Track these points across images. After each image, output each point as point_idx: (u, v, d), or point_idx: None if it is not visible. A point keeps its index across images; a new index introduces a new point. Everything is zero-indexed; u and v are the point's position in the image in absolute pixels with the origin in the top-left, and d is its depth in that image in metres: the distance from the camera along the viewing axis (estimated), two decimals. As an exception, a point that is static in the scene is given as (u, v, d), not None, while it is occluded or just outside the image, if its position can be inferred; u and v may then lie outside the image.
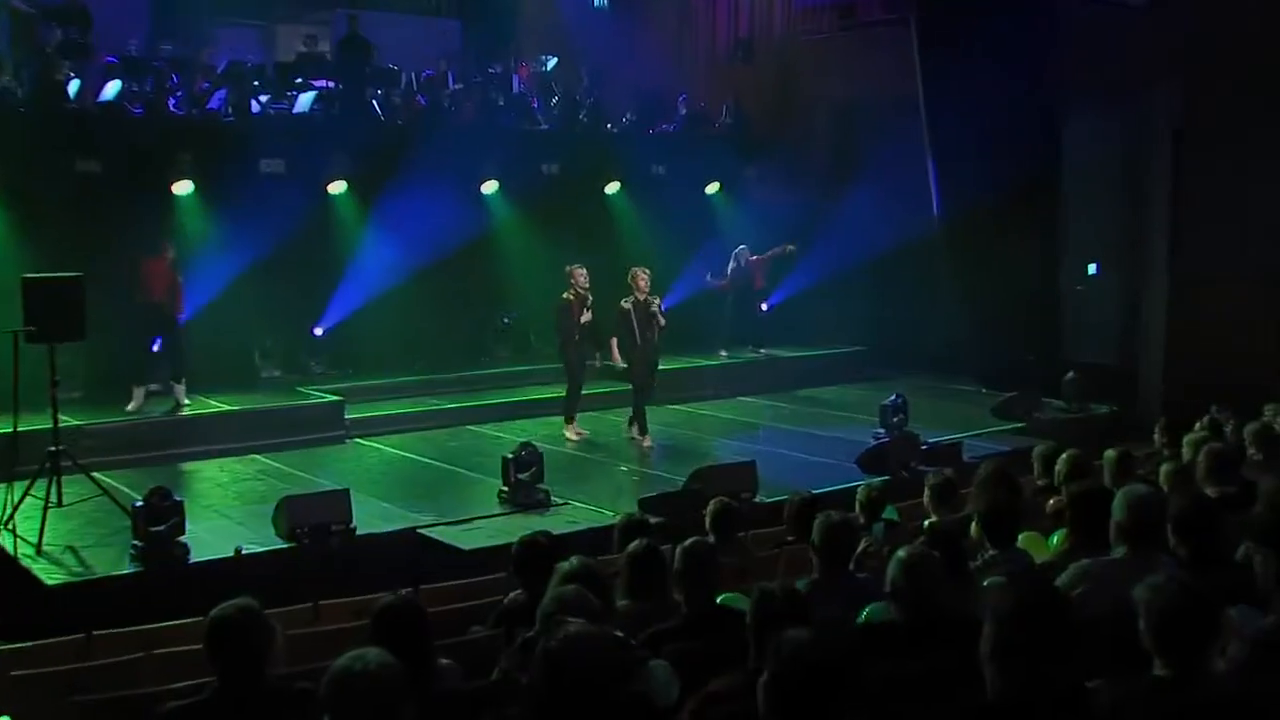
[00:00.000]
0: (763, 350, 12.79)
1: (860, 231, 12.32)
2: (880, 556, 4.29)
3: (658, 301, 9.16)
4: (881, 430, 9.29)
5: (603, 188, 12.22)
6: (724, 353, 12.63)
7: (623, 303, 9.16)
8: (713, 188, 12.75)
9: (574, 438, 9.27)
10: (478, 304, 11.97)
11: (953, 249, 11.62)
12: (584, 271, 9.21)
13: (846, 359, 13.35)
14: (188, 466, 8.90)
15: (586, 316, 9.17)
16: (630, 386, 9.59)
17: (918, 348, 12.88)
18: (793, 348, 13.12)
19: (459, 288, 11.62)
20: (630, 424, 9.65)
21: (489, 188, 11.47)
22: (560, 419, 10.02)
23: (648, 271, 9.22)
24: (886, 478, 7.68)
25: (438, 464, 8.96)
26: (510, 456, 7.62)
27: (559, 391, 10.24)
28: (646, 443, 9.32)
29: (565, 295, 9.21)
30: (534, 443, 7.97)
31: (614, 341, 9.18)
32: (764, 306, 13.21)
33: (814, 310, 13.31)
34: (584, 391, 9.76)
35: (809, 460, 8.76)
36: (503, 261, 11.74)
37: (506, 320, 12.60)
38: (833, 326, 13.42)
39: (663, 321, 9.11)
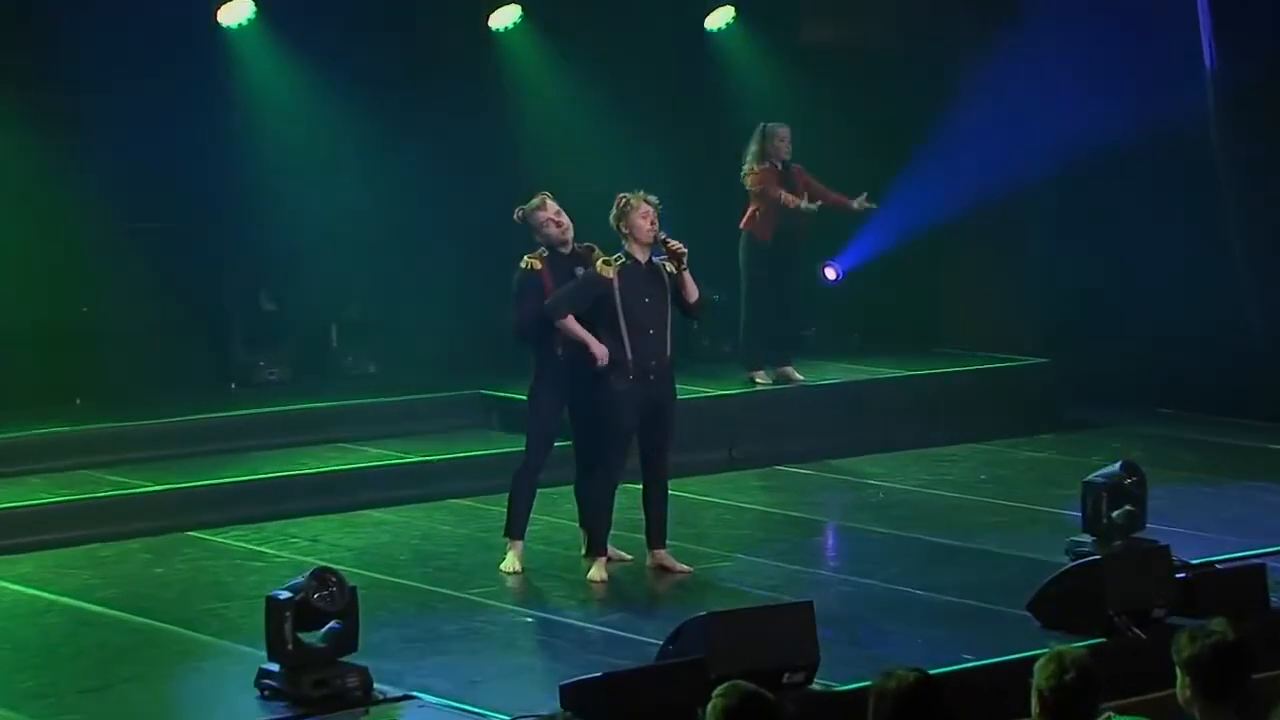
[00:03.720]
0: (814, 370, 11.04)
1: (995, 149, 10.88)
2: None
3: (671, 249, 7.29)
4: (1086, 539, 7.49)
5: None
6: (758, 376, 10.50)
7: (599, 266, 7.36)
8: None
9: (599, 579, 7.44)
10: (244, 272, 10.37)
11: (1235, 153, 10.13)
12: (554, 207, 7.54)
13: (1004, 382, 11.13)
14: None
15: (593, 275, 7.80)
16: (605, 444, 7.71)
17: (1154, 358, 10.76)
18: (889, 361, 11.08)
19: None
20: (586, 545, 7.61)
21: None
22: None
23: (653, 202, 7.35)
24: (1097, 640, 6.37)
25: (118, 618, 7.05)
26: (285, 598, 5.92)
27: (427, 448, 8.88)
28: (680, 570, 7.71)
29: (525, 262, 7.36)
30: (337, 570, 6.10)
31: (588, 338, 7.46)
32: (830, 274, 11.26)
33: (920, 285, 11.73)
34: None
35: (924, 601, 7.35)
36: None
37: (356, 307, 10.78)
38: (972, 318, 11.72)
39: (692, 294, 7.32)
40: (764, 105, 11.04)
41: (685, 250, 7.26)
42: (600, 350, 7.12)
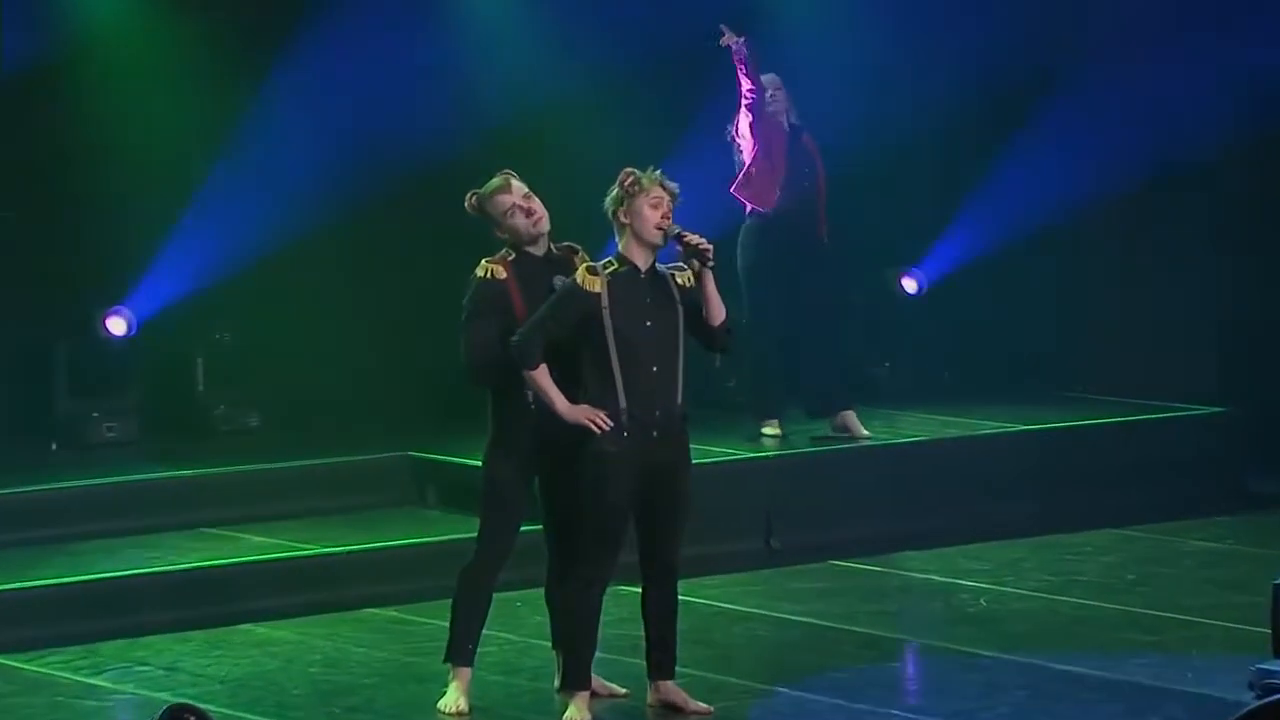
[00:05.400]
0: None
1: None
2: None
3: (689, 244, 7.46)
4: (1278, 667, 7.12)
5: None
6: (767, 427, 10.68)
7: (581, 275, 7.40)
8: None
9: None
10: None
11: None
12: (521, 189, 7.62)
13: (1162, 440, 11.30)
14: None
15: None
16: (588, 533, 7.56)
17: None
18: (994, 410, 11.23)
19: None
20: (562, 674, 7.52)
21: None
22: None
23: (671, 190, 7.49)
24: None
25: None
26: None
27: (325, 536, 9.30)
28: (695, 710, 7.62)
29: (483, 268, 7.48)
30: (202, 711, 5.83)
31: (560, 403, 7.55)
32: (910, 286, 11.82)
33: (1037, 303, 12.19)
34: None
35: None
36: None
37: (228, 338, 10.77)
38: (1112, 350, 12.24)
39: (719, 313, 7.40)
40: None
41: (709, 246, 7.16)
42: (584, 415, 7.05)
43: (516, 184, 7.54)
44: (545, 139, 10.86)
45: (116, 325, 10.61)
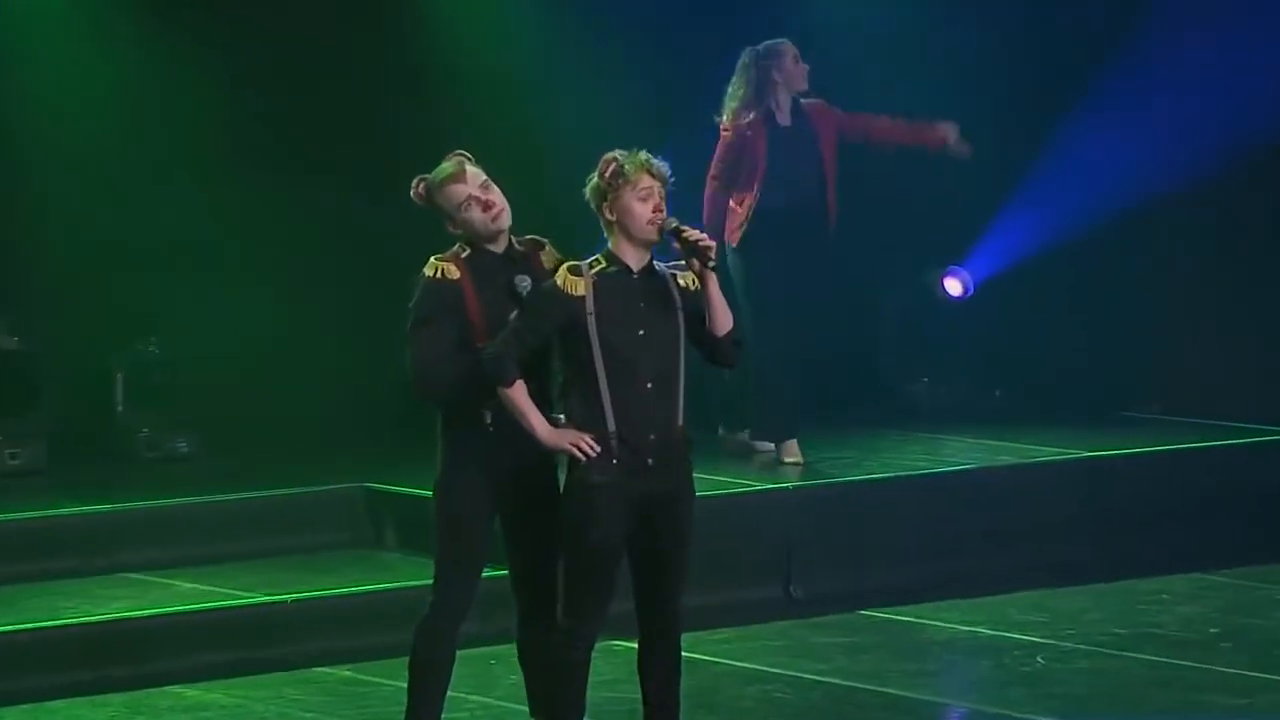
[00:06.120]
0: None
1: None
2: None
3: (690, 241, 7.42)
4: None
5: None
6: (787, 453, 10.95)
7: (562, 275, 7.39)
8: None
9: None
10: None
11: None
12: (478, 176, 7.57)
13: (1252, 470, 11.44)
14: None
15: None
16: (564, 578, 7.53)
17: None
18: (1051, 434, 11.51)
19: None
20: None
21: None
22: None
23: (661, 173, 7.43)
24: None
25: None
26: None
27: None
28: None
29: (432, 266, 7.50)
30: None
31: (542, 427, 7.48)
32: (954, 288, 12.11)
33: (1100, 308, 12.41)
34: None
35: None
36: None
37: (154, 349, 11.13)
38: (1190, 365, 12.50)
39: (725, 322, 7.40)
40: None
41: (712, 243, 7.16)
42: (567, 440, 7.06)
43: (472, 170, 7.41)
44: (502, 109, 10.83)
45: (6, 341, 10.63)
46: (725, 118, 10.68)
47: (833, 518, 10.41)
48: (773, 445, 11.02)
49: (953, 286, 12.09)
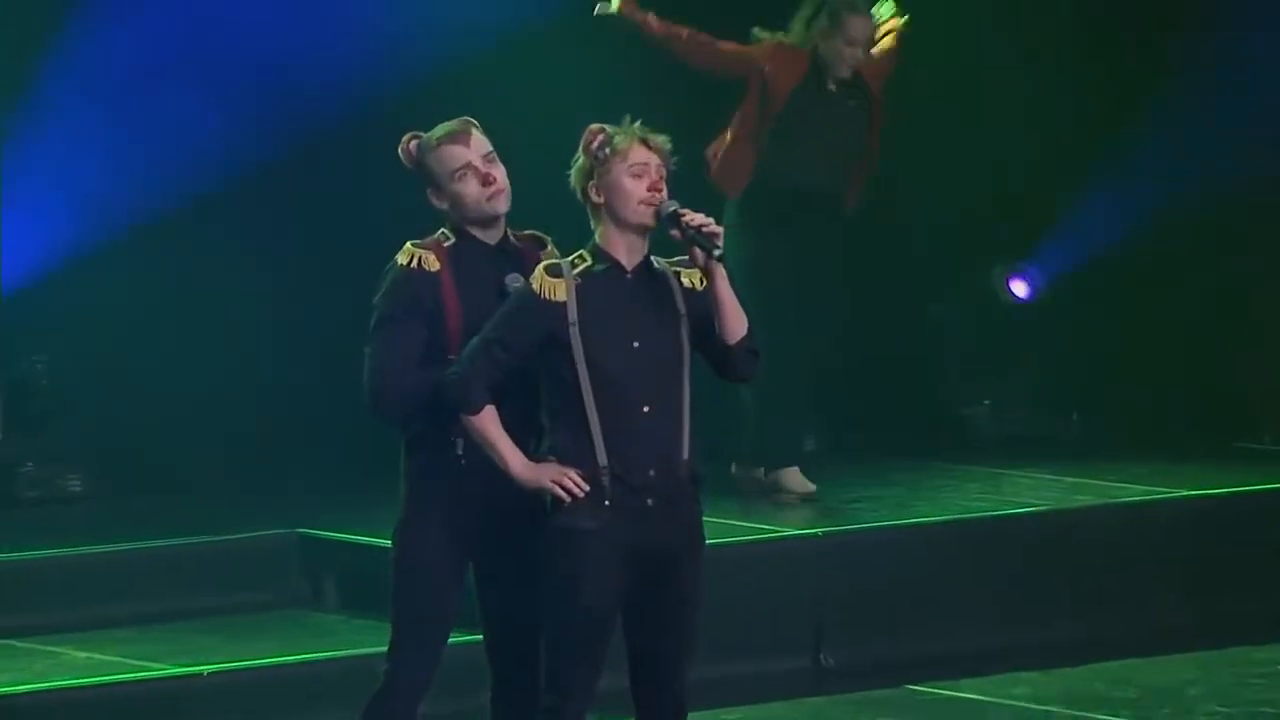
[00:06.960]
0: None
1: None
2: None
3: (692, 227, 7.37)
4: None
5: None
6: (789, 479, 11.20)
7: (538, 277, 7.42)
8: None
9: None
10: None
11: None
12: (483, 145, 7.60)
13: None
14: None
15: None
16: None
17: None
18: (1141, 470, 11.71)
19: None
20: None
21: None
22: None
23: (658, 146, 7.45)
24: None
25: None
26: None
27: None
28: None
29: (407, 253, 7.53)
30: None
31: (515, 460, 7.48)
32: (1019, 290, 12.49)
33: (1197, 314, 12.67)
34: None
35: None
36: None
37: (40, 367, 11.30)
38: None
39: (737, 327, 7.43)
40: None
41: (718, 229, 7.14)
42: (548, 476, 7.05)
43: (478, 137, 7.38)
44: (496, 86, 10.93)
45: None
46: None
47: (873, 571, 10.41)
48: (763, 471, 11.08)
49: (1018, 289, 12.15)
